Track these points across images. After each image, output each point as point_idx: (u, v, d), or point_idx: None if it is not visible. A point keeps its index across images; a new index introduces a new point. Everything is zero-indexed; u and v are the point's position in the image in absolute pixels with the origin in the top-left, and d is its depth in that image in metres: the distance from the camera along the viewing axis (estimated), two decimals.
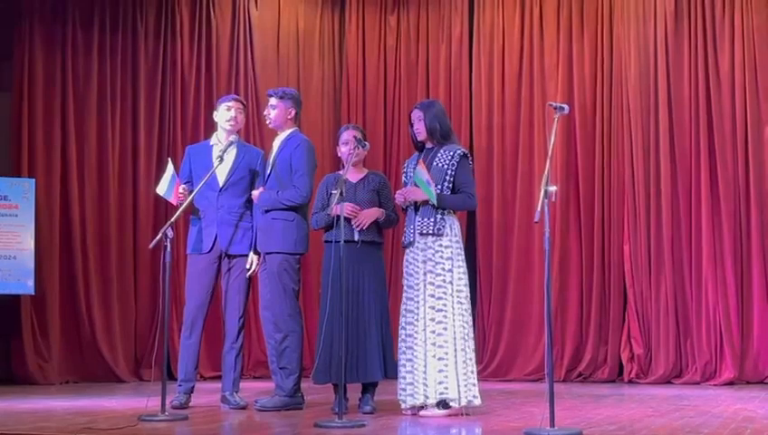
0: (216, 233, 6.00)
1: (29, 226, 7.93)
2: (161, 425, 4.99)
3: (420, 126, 5.59)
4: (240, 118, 6.20)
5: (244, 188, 6.08)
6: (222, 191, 6.02)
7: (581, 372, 8.69)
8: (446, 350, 5.28)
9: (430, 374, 5.27)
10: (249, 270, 6.02)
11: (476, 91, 9.43)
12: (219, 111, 6.18)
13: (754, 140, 8.34)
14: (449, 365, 5.26)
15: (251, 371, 8.91)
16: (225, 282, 6.05)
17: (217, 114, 6.20)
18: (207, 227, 6.01)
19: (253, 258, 6.01)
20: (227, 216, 6.02)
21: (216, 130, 6.23)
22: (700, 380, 8.20)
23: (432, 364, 5.27)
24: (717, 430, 4.71)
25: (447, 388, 5.25)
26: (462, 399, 5.27)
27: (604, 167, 8.88)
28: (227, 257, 6.03)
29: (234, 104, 6.18)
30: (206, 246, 6.01)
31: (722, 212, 8.35)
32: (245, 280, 6.05)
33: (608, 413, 5.61)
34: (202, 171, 6.04)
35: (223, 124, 6.15)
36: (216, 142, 6.16)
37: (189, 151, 6.31)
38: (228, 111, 6.14)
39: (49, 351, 8.01)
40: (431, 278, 5.36)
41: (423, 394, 5.30)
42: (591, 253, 8.82)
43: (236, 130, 6.19)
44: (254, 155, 6.20)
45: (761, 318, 8.20)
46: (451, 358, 5.27)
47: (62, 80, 8.33)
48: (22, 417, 5.43)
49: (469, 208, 5.64)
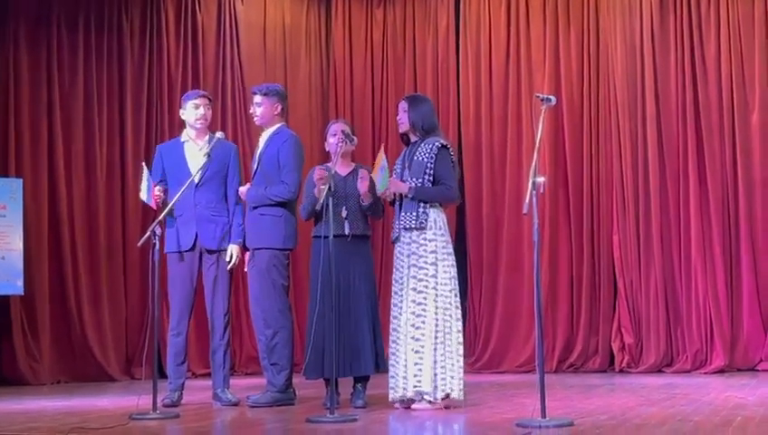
0: (196, 230, 5.97)
1: (17, 226, 7.90)
2: (153, 423, 4.98)
3: (404, 117, 5.58)
4: (209, 114, 6.17)
5: (219, 182, 6.05)
6: (198, 188, 5.97)
7: (573, 362, 8.71)
8: (423, 343, 5.28)
9: (409, 367, 5.27)
10: (230, 264, 6.00)
11: (464, 85, 9.43)
12: (187, 108, 6.13)
13: (741, 129, 8.37)
14: (425, 359, 5.26)
15: (242, 367, 8.90)
16: (207, 279, 6.02)
17: (185, 112, 6.15)
18: (186, 224, 5.97)
19: (233, 250, 5.98)
20: (205, 212, 5.99)
21: (185, 128, 6.20)
22: (691, 368, 8.23)
23: (410, 357, 5.28)
24: (708, 417, 4.72)
25: (421, 381, 5.25)
26: (439, 392, 5.26)
27: (592, 158, 8.90)
28: (209, 254, 6.00)
29: (201, 101, 6.14)
30: (187, 243, 5.97)
31: (710, 201, 8.37)
32: (228, 275, 6.02)
33: (599, 403, 5.63)
34: (175, 169, 6.02)
35: (192, 123, 6.11)
36: (187, 139, 6.13)
37: (161, 150, 6.27)
38: (197, 109, 6.10)
39: (39, 351, 7.98)
40: (414, 272, 5.36)
41: (402, 387, 5.30)
42: (581, 244, 8.83)
43: (206, 126, 6.16)
44: (227, 149, 6.15)
45: (750, 306, 8.23)
46: (428, 352, 5.26)
47: (47, 80, 8.30)
48: (13, 417, 5.42)
49: (448, 200, 5.58)
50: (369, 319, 5.67)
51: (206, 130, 6.15)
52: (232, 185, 6.08)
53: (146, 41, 8.81)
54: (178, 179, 5.94)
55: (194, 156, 6.03)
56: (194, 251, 5.99)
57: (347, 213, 5.69)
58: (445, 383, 5.29)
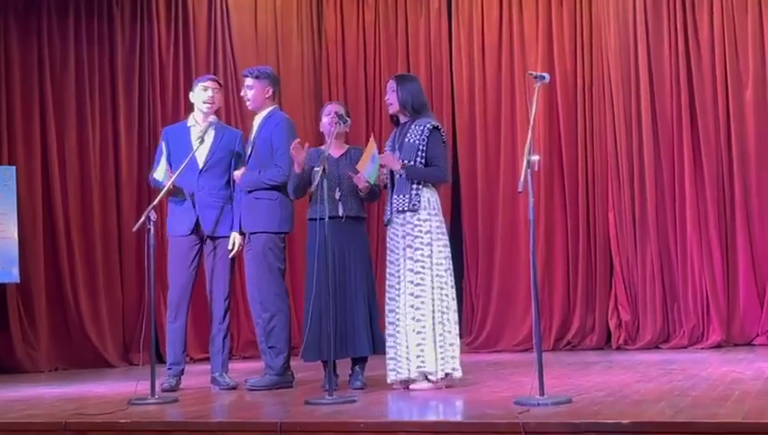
0: (198, 215, 5.96)
1: (11, 214, 7.88)
2: (152, 408, 4.98)
3: (393, 97, 5.54)
4: (218, 98, 6.15)
5: (223, 169, 6.04)
6: (202, 173, 5.97)
7: (570, 340, 8.73)
8: (424, 324, 5.28)
9: (411, 349, 5.28)
10: (232, 250, 5.99)
11: (457, 64, 9.40)
12: (195, 91, 6.12)
13: (735, 105, 8.36)
14: (427, 339, 5.26)
15: (240, 351, 8.92)
16: (208, 264, 6.02)
17: (194, 95, 6.13)
18: (189, 209, 5.97)
19: (235, 238, 5.98)
20: (208, 198, 5.98)
21: (193, 111, 6.17)
22: (688, 344, 8.26)
23: (412, 338, 5.28)
24: (706, 392, 4.74)
25: (425, 361, 5.25)
26: (439, 371, 5.27)
27: (587, 135, 8.89)
28: (210, 239, 6.00)
29: (211, 84, 6.11)
30: (188, 228, 5.97)
31: (705, 177, 8.38)
32: (229, 261, 6.02)
33: (597, 380, 5.64)
34: (180, 153, 5.99)
35: (200, 106, 6.09)
36: (194, 123, 6.11)
37: (167, 133, 6.25)
38: (205, 92, 6.08)
39: (37, 338, 7.98)
40: (410, 253, 5.35)
41: (406, 368, 5.30)
42: (576, 222, 8.84)
43: (214, 110, 6.14)
44: (232, 136, 6.15)
45: (746, 280, 8.24)
46: (429, 332, 5.27)
47: (38, 67, 8.26)
48: (11, 405, 5.41)
49: (439, 181, 5.55)
50: (366, 300, 5.67)
51: (212, 115, 6.12)
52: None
53: (136, 26, 8.77)
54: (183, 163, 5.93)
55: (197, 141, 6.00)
56: (194, 236, 5.99)
57: (340, 195, 5.67)
58: (445, 363, 5.30)
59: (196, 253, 6.01)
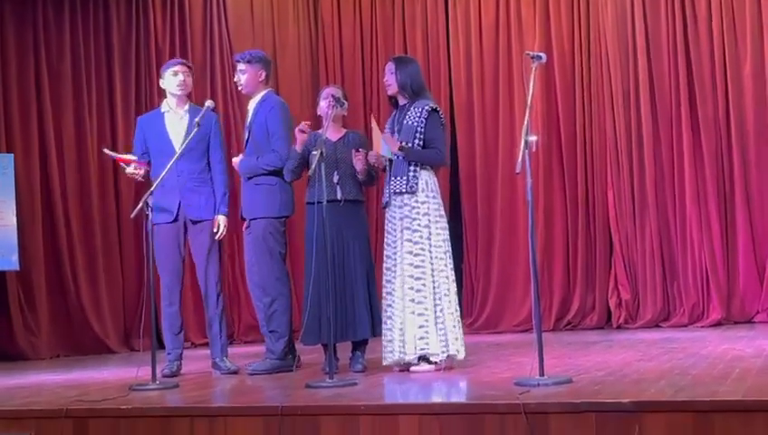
0: (180, 200, 5.95)
1: (10, 201, 7.86)
2: (153, 394, 4.99)
3: (391, 79, 5.52)
4: (189, 81, 6.11)
5: (201, 152, 6.01)
6: (180, 158, 5.93)
7: (570, 320, 8.74)
8: (426, 306, 5.28)
9: (409, 331, 5.27)
10: (218, 233, 5.97)
11: (454, 45, 9.38)
12: (165, 77, 6.07)
13: (734, 81, 8.34)
14: (429, 321, 5.26)
15: (241, 335, 8.93)
16: (195, 249, 6.00)
17: (164, 81, 6.09)
18: (169, 194, 5.92)
19: (220, 221, 5.96)
20: (189, 182, 5.96)
21: (166, 98, 6.14)
22: (688, 322, 8.26)
23: (411, 321, 5.27)
24: (706, 370, 4.74)
25: (428, 343, 5.26)
26: (441, 353, 5.28)
27: (585, 114, 8.87)
28: (193, 224, 5.98)
29: (180, 68, 6.08)
30: (171, 214, 5.95)
31: (704, 154, 8.36)
32: (216, 244, 6.00)
33: (597, 359, 5.64)
34: (157, 140, 5.98)
35: (173, 90, 6.05)
36: (168, 109, 6.08)
37: (141, 122, 6.22)
38: (176, 77, 6.04)
39: (38, 325, 7.98)
40: (408, 235, 5.34)
41: (399, 350, 5.30)
42: (575, 201, 8.83)
43: (186, 93, 6.12)
44: (207, 118, 6.10)
45: (746, 258, 8.24)
46: (430, 314, 5.27)
47: (35, 54, 8.22)
48: (13, 392, 5.42)
49: (438, 164, 5.54)
50: (365, 283, 5.67)
51: (186, 99, 6.11)
52: (215, 155, 6.05)
53: (132, 13, 8.73)
54: (161, 150, 5.93)
55: (174, 126, 6.00)
56: (178, 222, 5.97)
57: (338, 178, 5.66)
58: (446, 345, 5.30)
59: (182, 238, 6.00)
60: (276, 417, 4.11)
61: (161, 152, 5.91)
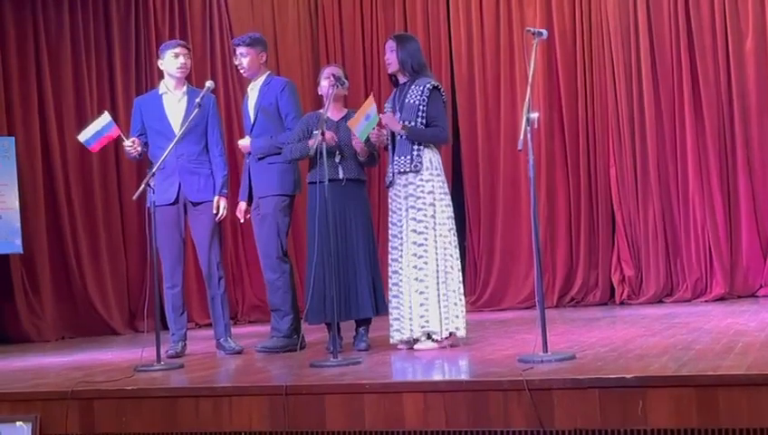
0: (180, 182, 5.94)
1: (12, 184, 7.87)
2: (157, 374, 5.00)
3: (392, 57, 5.50)
4: (188, 63, 6.09)
5: (200, 134, 6.00)
6: (179, 140, 5.92)
7: (573, 296, 8.75)
8: (427, 284, 5.28)
9: (414, 309, 5.29)
10: (217, 215, 5.97)
11: (454, 22, 9.34)
12: (165, 58, 6.04)
13: (735, 56, 8.30)
14: (430, 299, 5.27)
15: (245, 315, 8.95)
16: (195, 231, 6.00)
17: (163, 62, 6.06)
18: (169, 177, 5.92)
19: (219, 203, 5.96)
20: (188, 164, 5.95)
21: (164, 79, 6.13)
22: (691, 297, 8.27)
23: (415, 299, 5.29)
24: (709, 345, 4.74)
25: (429, 321, 5.27)
26: (443, 331, 5.29)
27: (587, 91, 8.85)
28: (193, 205, 5.97)
29: (180, 50, 6.05)
30: (171, 196, 5.94)
31: (706, 129, 8.34)
32: (216, 225, 5.99)
33: (600, 335, 5.65)
34: (155, 122, 5.97)
35: (172, 72, 6.03)
36: (166, 90, 6.06)
37: (139, 103, 6.20)
38: (177, 58, 6.01)
39: (42, 308, 8.00)
40: (413, 214, 5.34)
41: (408, 328, 5.32)
42: (578, 178, 8.82)
43: (185, 75, 6.09)
44: (205, 100, 6.09)
45: (749, 232, 8.24)
46: (432, 291, 5.28)
47: (34, 35, 8.21)
48: (18, 375, 5.44)
49: (440, 142, 5.52)
50: (368, 262, 5.67)
51: (185, 81, 6.09)
52: (213, 136, 6.04)
53: None
54: (159, 132, 5.93)
55: (172, 107, 5.99)
56: (178, 204, 5.97)
57: (340, 158, 5.65)
58: (448, 322, 5.31)
59: (182, 220, 6.00)
60: (281, 396, 4.13)
61: (159, 134, 5.91)
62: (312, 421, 4.09)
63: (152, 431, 4.34)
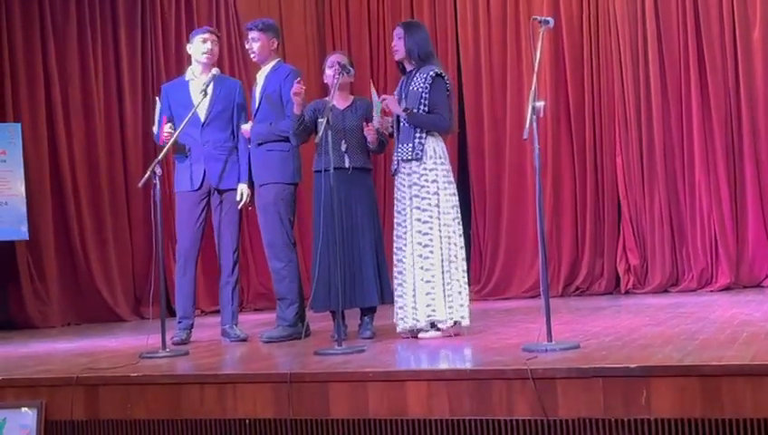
0: (205, 169, 5.95)
1: (18, 170, 7.88)
2: (162, 361, 5.02)
3: (399, 44, 5.49)
4: (216, 50, 6.09)
5: (226, 120, 6.02)
6: (205, 126, 5.94)
7: (578, 286, 8.75)
8: (433, 272, 5.28)
9: (419, 298, 5.29)
10: (240, 202, 5.99)
11: (461, 9, 9.32)
12: (194, 43, 6.06)
13: (743, 44, 8.26)
14: (436, 287, 5.27)
15: (250, 303, 8.97)
16: (216, 217, 6.02)
17: (192, 47, 6.08)
18: (195, 163, 5.95)
19: (242, 190, 5.97)
20: (213, 150, 5.96)
21: (191, 65, 6.12)
22: (697, 287, 8.26)
23: (420, 287, 5.29)
24: (714, 335, 4.74)
25: (435, 310, 5.27)
26: (448, 320, 5.29)
27: (593, 78, 8.82)
28: (217, 192, 5.99)
29: (209, 36, 6.06)
30: (195, 182, 5.96)
31: (713, 118, 8.32)
32: (237, 213, 6.02)
33: (605, 325, 5.65)
34: (181, 108, 5.96)
35: (198, 57, 6.04)
36: (192, 77, 6.06)
37: (166, 90, 6.20)
38: (204, 44, 6.03)
39: (48, 294, 8.02)
40: (417, 202, 5.34)
41: (412, 317, 5.32)
42: (584, 166, 8.80)
43: (212, 62, 6.08)
44: (231, 86, 6.09)
45: (755, 222, 8.22)
46: (438, 280, 5.28)
47: (41, 23, 8.21)
48: (23, 361, 5.46)
49: (441, 129, 5.49)
50: (373, 250, 5.66)
51: (211, 67, 6.08)
52: (239, 123, 6.04)
53: None
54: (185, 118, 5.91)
55: (199, 94, 5.97)
56: (202, 190, 5.98)
57: (346, 146, 5.64)
58: (453, 311, 5.31)
59: (204, 207, 6.01)
60: (285, 384, 4.14)
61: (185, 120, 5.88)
62: (316, 409, 4.10)
63: (157, 418, 4.36)
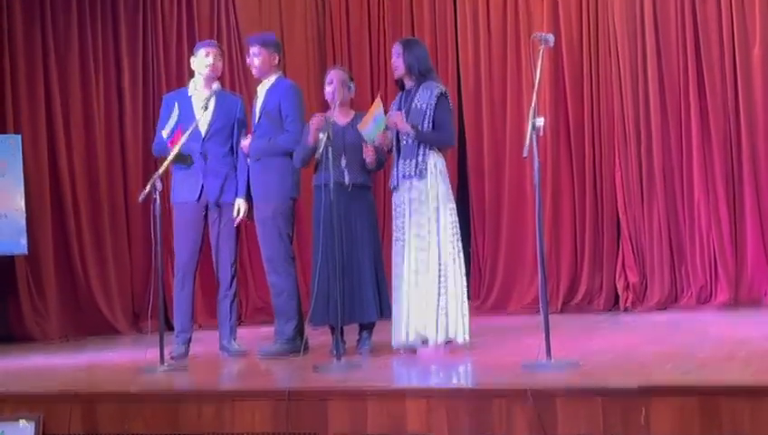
0: (203, 183, 5.96)
1: (18, 183, 7.86)
2: (161, 376, 5.01)
3: (399, 62, 5.51)
4: (219, 64, 6.11)
5: (226, 136, 6.02)
6: (205, 141, 5.95)
7: (577, 303, 8.72)
8: (428, 289, 5.28)
9: (412, 313, 5.29)
10: (237, 217, 5.98)
11: (462, 26, 9.33)
12: (197, 56, 6.08)
13: (743, 64, 8.27)
14: (429, 304, 5.27)
15: (249, 318, 8.95)
16: (214, 231, 6.02)
17: (195, 60, 6.10)
18: (193, 176, 5.96)
19: (239, 205, 5.97)
20: (213, 165, 5.97)
21: (194, 78, 6.14)
22: (695, 305, 8.24)
23: (414, 303, 5.29)
24: (712, 352, 4.74)
25: (426, 326, 5.27)
26: (439, 336, 5.28)
27: (593, 96, 8.82)
28: (215, 206, 5.99)
29: (212, 50, 6.08)
30: (193, 195, 5.97)
31: (712, 136, 8.32)
32: (234, 227, 6.02)
33: (604, 342, 5.65)
34: (181, 120, 5.97)
35: (201, 70, 6.06)
36: (194, 91, 6.08)
37: (168, 100, 6.21)
38: (207, 58, 6.04)
39: (46, 308, 8.00)
40: (416, 218, 5.35)
41: (405, 333, 5.31)
42: (583, 183, 8.80)
43: (215, 76, 6.10)
44: (233, 102, 6.10)
45: (754, 240, 8.21)
46: (432, 297, 5.28)
47: (42, 34, 8.19)
48: (21, 374, 5.46)
49: (447, 145, 5.56)
50: (373, 266, 5.66)
51: (213, 81, 6.08)
52: (239, 139, 6.04)
53: None
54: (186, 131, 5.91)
55: (200, 109, 5.98)
56: (199, 203, 5.99)
57: (346, 163, 5.64)
58: (449, 328, 5.31)
59: (202, 220, 6.01)
60: (284, 400, 4.13)
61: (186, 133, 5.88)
62: (315, 425, 4.10)
63: (155, 433, 4.35)
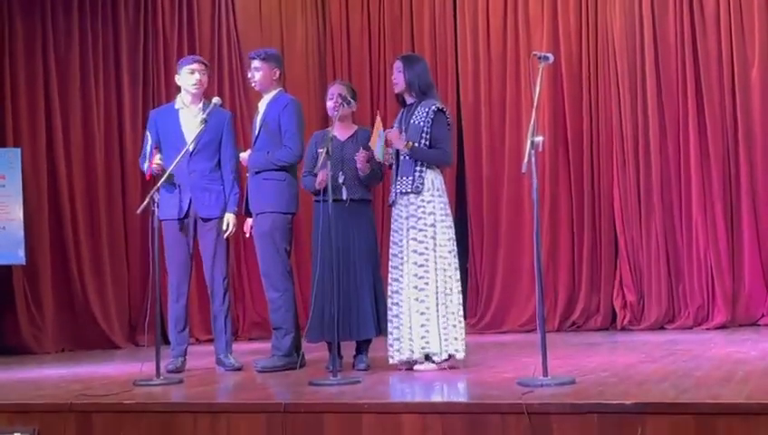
0: (190, 198, 5.96)
1: (17, 196, 7.88)
2: (156, 389, 5.00)
3: (399, 78, 5.52)
4: (204, 79, 6.11)
5: (213, 150, 6.01)
6: (192, 156, 5.93)
7: (575, 321, 8.73)
8: (428, 305, 5.28)
9: (414, 329, 5.28)
10: (226, 232, 5.98)
11: (461, 44, 9.38)
12: (182, 74, 6.07)
13: (741, 84, 8.31)
14: (431, 320, 5.27)
15: (246, 332, 8.94)
16: (203, 246, 6.00)
17: (180, 78, 6.09)
18: (181, 192, 5.94)
19: (229, 219, 5.97)
20: (199, 180, 5.96)
21: (180, 94, 6.15)
22: (693, 324, 8.25)
23: (415, 319, 5.28)
24: (710, 372, 4.73)
25: (429, 342, 5.26)
26: (443, 353, 5.28)
27: (592, 114, 8.86)
28: (203, 221, 5.98)
29: (197, 66, 6.08)
30: (181, 211, 5.96)
31: (710, 156, 8.35)
32: (224, 241, 6.00)
33: (601, 360, 5.64)
34: (170, 136, 5.98)
35: (188, 88, 6.05)
36: (182, 106, 6.08)
37: (154, 116, 6.20)
38: (192, 75, 6.04)
39: (43, 320, 8.00)
40: (414, 234, 5.35)
41: (408, 349, 5.31)
42: (581, 201, 8.82)
43: (201, 91, 6.11)
44: (221, 118, 6.09)
45: (751, 261, 8.22)
46: (433, 313, 5.28)
47: (42, 46, 8.24)
48: (17, 386, 5.45)
49: (443, 164, 5.55)
50: (371, 282, 5.66)
51: (201, 96, 6.10)
52: (226, 153, 6.04)
53: (140, 6, 8.75)
54: (174, 147, 5.91)
55: (189, 123, 5.99)
56: (188, 219, 5.98)
57: (344, 178, 5.64)
58: (447, 344, 5.31)
59: (191, 235, 6.01)
60: (279, 414, 4.12)
61: (175, 148, 5.87)
62: None
63: None
